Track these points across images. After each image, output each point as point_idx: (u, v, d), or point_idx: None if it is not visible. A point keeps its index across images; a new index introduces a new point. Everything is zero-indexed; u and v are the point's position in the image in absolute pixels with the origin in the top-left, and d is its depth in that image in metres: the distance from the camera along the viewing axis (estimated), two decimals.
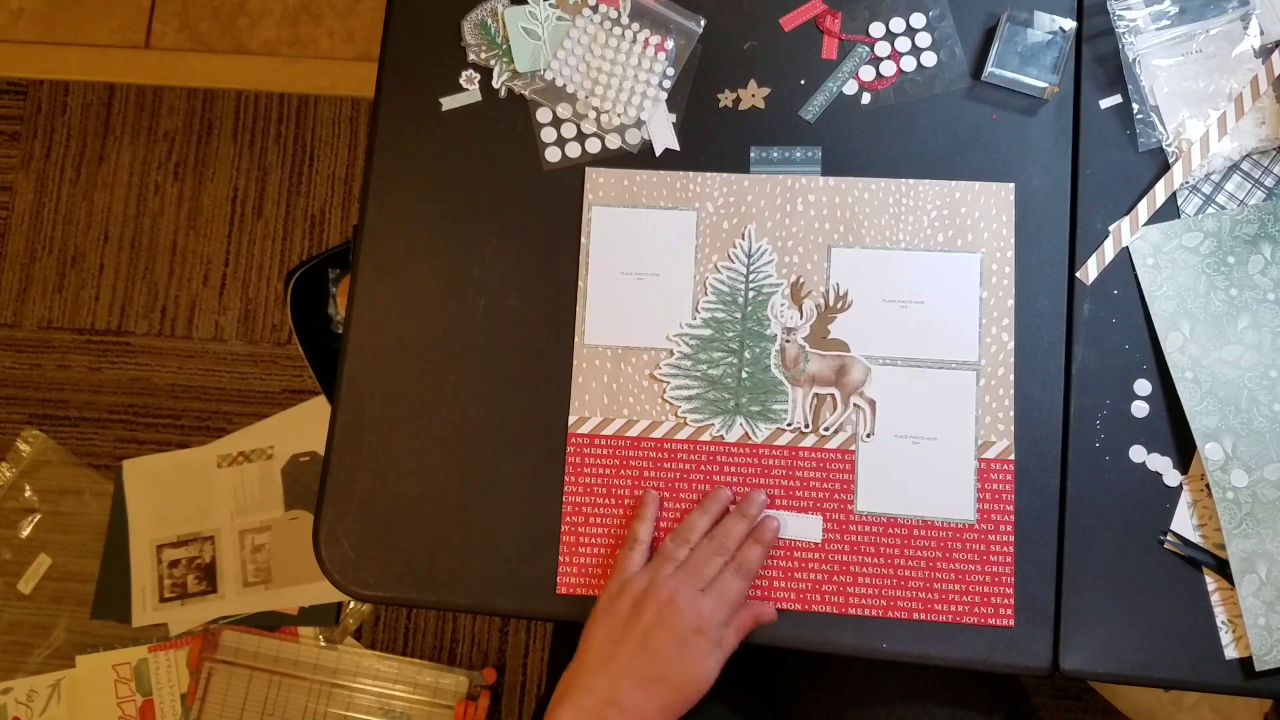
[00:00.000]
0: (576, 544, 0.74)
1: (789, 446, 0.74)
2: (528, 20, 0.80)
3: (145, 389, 1.56)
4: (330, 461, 0.77)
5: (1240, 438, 0.71)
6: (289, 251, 1.59)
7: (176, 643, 1.43)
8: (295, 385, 1.54)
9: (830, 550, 0.73)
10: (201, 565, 1.46)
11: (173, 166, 1.62)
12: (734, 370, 0.75)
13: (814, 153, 0.77)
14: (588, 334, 0.77)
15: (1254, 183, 0.74)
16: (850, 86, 0.78)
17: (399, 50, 0.82)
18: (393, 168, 0.80)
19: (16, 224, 1.62)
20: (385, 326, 0.78)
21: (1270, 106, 0.74)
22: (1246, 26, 0.75)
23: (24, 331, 1.59)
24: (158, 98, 1.63)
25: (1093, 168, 0.76)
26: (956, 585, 0.72)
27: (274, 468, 1.49)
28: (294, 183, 1.60)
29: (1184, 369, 0.72)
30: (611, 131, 0.79)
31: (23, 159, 1.63)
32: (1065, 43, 0.75)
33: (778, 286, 0.76)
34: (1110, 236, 0.75)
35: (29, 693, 1.44)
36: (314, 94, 1.61)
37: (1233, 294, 0.73)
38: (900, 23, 0.78)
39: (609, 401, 0.76)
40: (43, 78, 1.64)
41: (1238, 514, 0.70)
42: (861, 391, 0.74)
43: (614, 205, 0.78)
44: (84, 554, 1.49)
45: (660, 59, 0.79)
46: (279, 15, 1.64)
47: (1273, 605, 0.69)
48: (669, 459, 0.75)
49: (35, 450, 1.53)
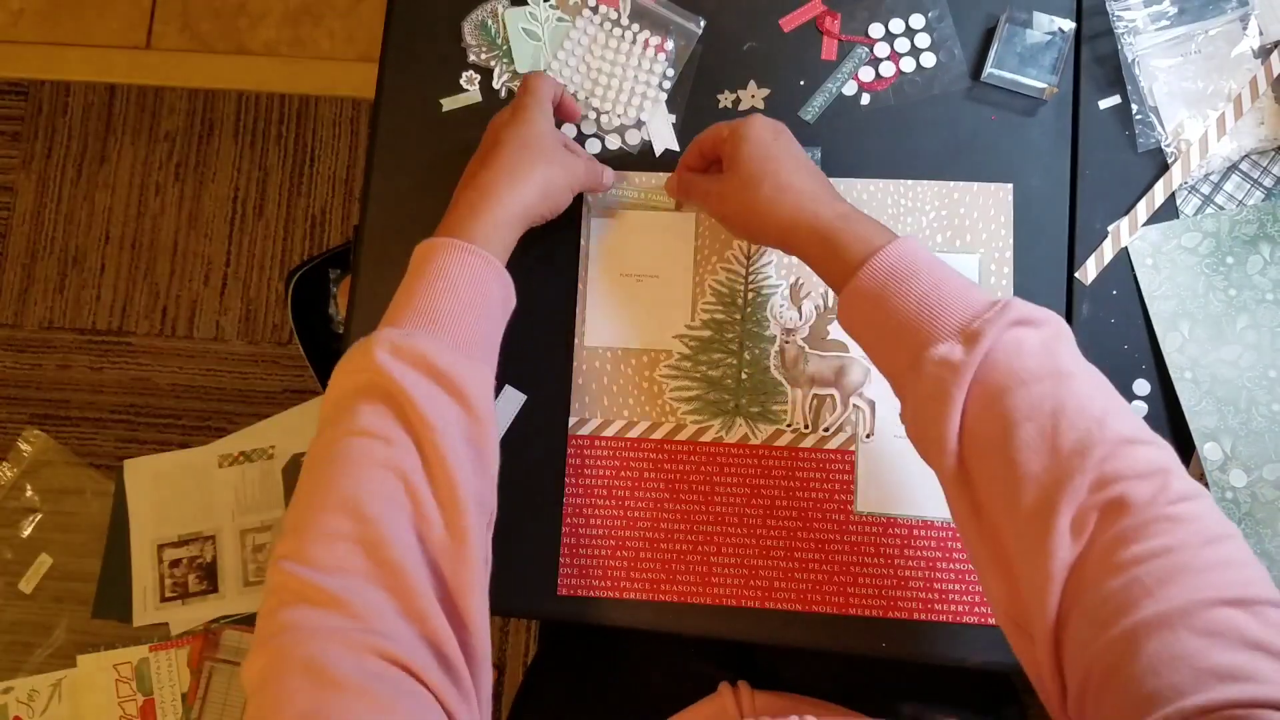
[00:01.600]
0: (577, 545, 0.74)
1: (789, 447, 0.74)
2: (528, 21, 0.81)
3: (146, 389, 1.56)
4: None
5: (1239, 438, 0.71)
6: (290, 252, 1.59)
7: (177, 642, 1.43)
8: (296, 385, 1.55)
9: (830, 550, 0.73)
10: (202, 565, 1.46)
11: (174, 167, 1.62)
12: (734, 371, 0.76)
13: (813, 153, 0.77)
14: (588, 336, 0.77)
15: (1253, 183, 0.74)
16: (849, 87, 0.78)
17: (399, 51, 0.82)
18: (393, 168, 0.80)
19: (18, 224, 1.62)
20: None
21: (1269, 107, 0.74)
22: (1245, 27, 0.75)
23: (25, 332, 1.59)
24: (159, 98, 1.64)
25: (1092, 168, 0.76)
26: (956, 585, 0.72)
27: (275, 467, 1.49)
28: (295, 183, 1.60)
29: (1183, 369, 0.72)
30: (611, 132, 0.79)
31: (24, 159, 1.63)
32: (1064, 43, 0.75)
33: (777, 287, 0.76)
34: (1109, 237, 0.75)
35: (30, 692, 1.45)
36: (315, 94, 1.62)
37: (1231, 294, 0.73)
38: (899, 24, 0.78)
39: (609, 403, 0.76)
40: (44, 78, 1.65)
41: (1236, 514, 0.70)
42: (861, 392, 0.74)
43: (614, 207, 0.78)
44: (85, 554, 1.49)
45: (660, 60, 0.79)
46: (280, 16, 1.64)
47: None
48: (669, 460, 0.75)
49: (36, 450, 1.53)
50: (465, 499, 0.54)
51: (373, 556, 0.51)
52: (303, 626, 0.49)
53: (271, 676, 0.47)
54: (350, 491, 0.53)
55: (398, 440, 0.55)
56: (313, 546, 0.51)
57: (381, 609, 0.50)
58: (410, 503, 0.53)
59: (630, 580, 0.74)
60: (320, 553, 0.51)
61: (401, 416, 0.55)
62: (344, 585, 0.50)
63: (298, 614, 0.49)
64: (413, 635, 0.50)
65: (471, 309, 0.61)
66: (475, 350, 0.61)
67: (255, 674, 0.48)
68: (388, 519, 0.52)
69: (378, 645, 0.48)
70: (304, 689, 0.46)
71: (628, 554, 0.74)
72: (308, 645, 0.47)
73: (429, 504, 0.54)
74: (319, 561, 0.51)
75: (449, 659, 0.50)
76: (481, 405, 0.58)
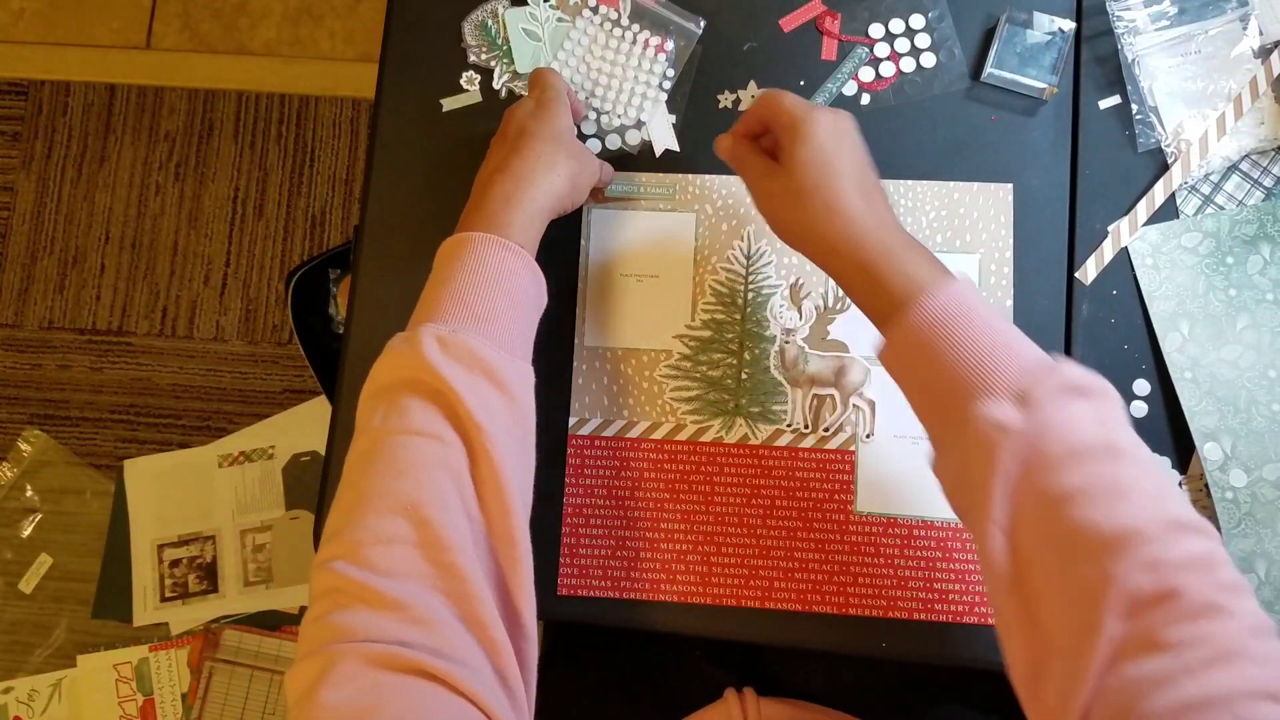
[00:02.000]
0: (577, 545, 0.74)
1: (789, 447, 0.74)
2: (528, 21, 0.81)
3: (146, 389, 1.56)
4: (331, 461, 0.77)
5: (1239, 438, 0.71)
6: (290, 252, 1.59)
7: (177, 642, 1.44)
8: (296, 385, 1.55)
9: (830, 550, 0.73)
10: (202, 565, 1.46)
11: (174, 167, 1.62)
12: (734, 371, 0.76)
13: None
14: (588, 336, 0.77)
15: (1253, 183, 0.74)
16: (850, 87, 0.78)
17: (400, 51, 0.82)
18: (393, 168, 0.80)
19: (18, 224, 1.62)
20: (386, 327, 0.78)
21: (1269, 107, 0.74)
22: (1245, 27, 0.75)
23: (25, 332, 1.59)
24: (159, 98, 1.64)
25: (1092, 168, 0.76)
26: (956, 585, 0.72)
27: (275, 467, 1.49)
28: (295, 183, 1.60)
29: (1183, 369, 0.72)
30: (611, 132, 0.79)
31: (24, 159, 1.63)
32: (1064, 43, 0.75)
33: (777, 288, 0.76)
34: (1109, 237, 0.75)
35: (30, 692, 1.45)
36: (315, 94, 1.62)
37: (1231, 294, 0.73)
38: (899, 24, 0.78)
39: (609, 403, 0.76)
40: (44, 78, 1.65)
41: (1236, 514, 0.70)
42: (861, 392, 0.74)
43: (613, 207, 0.78)
44: (85, 554, 1.49)
45: (660, 60, 0.79)
46: (280, 16, 1.64)
47: (1271, 605, 0.69)
48: (669, 460, 0.75)
49: (36, 450, 1.53)
50: (514, 500, 0.53)
51: (434, 561, 0.49)
52: (359, 633, 0.47)
53: (324, 686, 0.45)
54: (407, 494, 0.51)
55: (449, 440, 0.53)
56: (369, 550, 0.49)
57: (442, 616, 0.48)
58: (464, 505, 0.52)
59: (630, 580, 0.74)
60: (378, 556, 0.49)
61: (451, 415, 0.54)
62: (404, 590, 0.48)
63: (355, 619, 0.47)
64: (472, 645, 0.48)
65: (513, 307, 0.60)
66: (516, 348, 0.60)
67: (306, 682, 0.46)
68: (448, 523, 0.51)
69: (433, 663, 0.46)
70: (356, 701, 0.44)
71: (628, 554, 0.74)
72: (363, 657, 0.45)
73: (480, 506, 0.52)
74: (377, 565, 0.49)
75: (505, 670, 0.49)
76: (525, 403, 0.58)
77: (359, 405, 0.58)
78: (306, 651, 0.47)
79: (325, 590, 0.49)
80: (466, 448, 0.53)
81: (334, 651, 0.46)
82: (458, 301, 0.58)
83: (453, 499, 0.52)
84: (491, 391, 0.55)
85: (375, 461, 0.53)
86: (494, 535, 0.52)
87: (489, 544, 0.52)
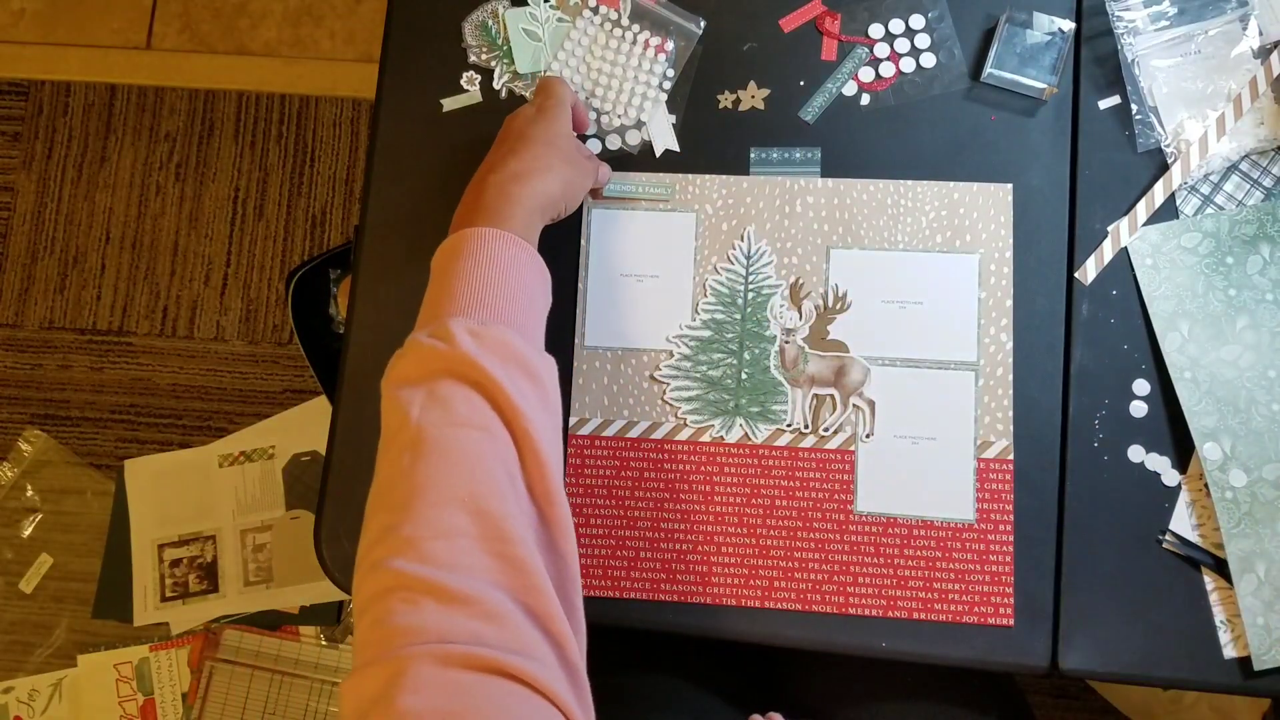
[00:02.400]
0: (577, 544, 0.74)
1: (789, 447, 0.74)
2: (528, 22, 0.81)
3: (147, 389, 1.56)
4: (331, 461, 0.77)
5: (1239, 437, 0.71)
6: (290, 252, 1.59)
7: (178, 642, 1.44)
8: (296, 385, 1.55)
9: (830, 550, 0.73)
10: (203, 564, 1.46)
11: (174, 167, 1.62)
12: (734, 371, 0.76)
13: (813, 154, 0.77)
14: (588, 336, 0.77)
15: (1252, 183, 0.74)
16: (849, 88, 0.78)
17: (400, 51, 0.82)
18: (393, 168, 0.80)
19: (18, 224, 1.62)
20: (386, 326, 0.78)
21: (1269, 107, 0.74)
22: (1245, 27, 0.75)
23: (26, 332, 1.59)
24: (159, 98, 1.64)
25: (1091, 168, 0.76)
26: (956, 585, 0.72)
27: (275, 467, 1.49)
28: (295, 183, 1.60)
29: (1182, 369, 0.72)
30: (612, 132, 0.79)
31: (24, 159, 1.63)
32: (1064, 44, 0.75)
33: (777, 288, 0.76)
34: (1109, 237, 0.75)
35: (30, 692, 1.45)
36: (315, 95, 1.62)
37: (1231, 294, 0.73)
38: (899, 24, 0.78)
39: (609, 403, 0.76)
40: (44, 78, 1.65)
41: (1236, 514, 0.70)
42: (861, 392, 0.74)
43: (613, 207, 0.78)
44: (85, 553, 1.49)
45: (660, 60, 0.79)
46: (280, 16, 1.64)
47: (1271, 605, 0.69)
48: (669, 460, 0.75)
49: (37, 450, 1.53)
50: (561, 491, 0.53)
51: (497, 554, 0.49)
52: (431, 633, 0.45)
53: (401, 692, 0.43)
54: (464, 487, 0.50)
55: (496, 432, 0.53)
56: (430, 544, 0.48)
57: (509, 610, 0.47)
58: (517, 497, 0.51)
59: (630, 580, 0.74)
60: (440, 550, 0.48)
61: (495, 407, 0.53)
62: (471, 584, 0.47)
63: (425, 617, 0.46)
64: (540, 640, 0.47)
65: (529, 299, 0.61)
66: (537, 340, 0.61)
67: (374, 690, 0.44)
68: (508, 515, 0.50)
69: (511, 661, 0.45)
70: (440, 706, 0.43)
71: (628, 554, 0.74)
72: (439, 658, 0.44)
73: (531, 497, 0.52)
74: (439, 559, 0.48)
75: (570, 660, 0.48)
76: (555, 394, 0.58)
77: (383, 400, 0.57)
78: (371, 658, 0.45)
79: (384, 590, 0.47)
80: (514, 439, 0.53)
81: (406, 655, 0.44)
82: (476, 295, 0.58)
83: (508, 491, 0.51)
84: (526, 383, 0.55)
85: (425, 455, 0.51)
86: (548, 525, 0.52)
87: (545, 536, 0.52)
